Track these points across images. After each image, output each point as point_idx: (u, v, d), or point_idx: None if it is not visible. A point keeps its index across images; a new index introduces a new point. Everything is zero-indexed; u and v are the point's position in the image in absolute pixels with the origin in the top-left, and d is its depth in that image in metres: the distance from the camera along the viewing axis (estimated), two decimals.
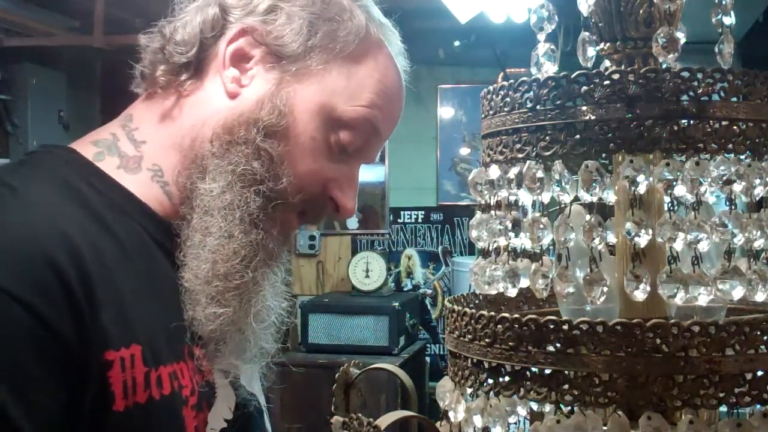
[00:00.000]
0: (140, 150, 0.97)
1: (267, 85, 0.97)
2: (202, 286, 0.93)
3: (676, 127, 0.63)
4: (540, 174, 0.66)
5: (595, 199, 0.66)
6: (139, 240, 0.92)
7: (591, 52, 0.72)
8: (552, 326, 0.61)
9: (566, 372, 0.61)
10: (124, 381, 0.82)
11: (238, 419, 1.02)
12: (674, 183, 0.63)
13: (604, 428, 0.63)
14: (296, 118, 0.96)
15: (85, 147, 0.96)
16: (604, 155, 0.68)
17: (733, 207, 0.64)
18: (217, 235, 0.93)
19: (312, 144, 0.97)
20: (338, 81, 0.98)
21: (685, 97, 0.63)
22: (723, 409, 0.61)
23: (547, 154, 0.66)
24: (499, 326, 0.64)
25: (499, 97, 0.69)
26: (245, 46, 0.97)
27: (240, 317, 0.95)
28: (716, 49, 0.68)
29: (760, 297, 0.63)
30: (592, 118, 0.64)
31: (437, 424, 0.72)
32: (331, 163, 0.99)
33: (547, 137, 0.65)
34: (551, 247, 0.69)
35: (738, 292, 0.62)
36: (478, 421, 0.68)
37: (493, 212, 0.71)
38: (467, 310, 0.67)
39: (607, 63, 0.75)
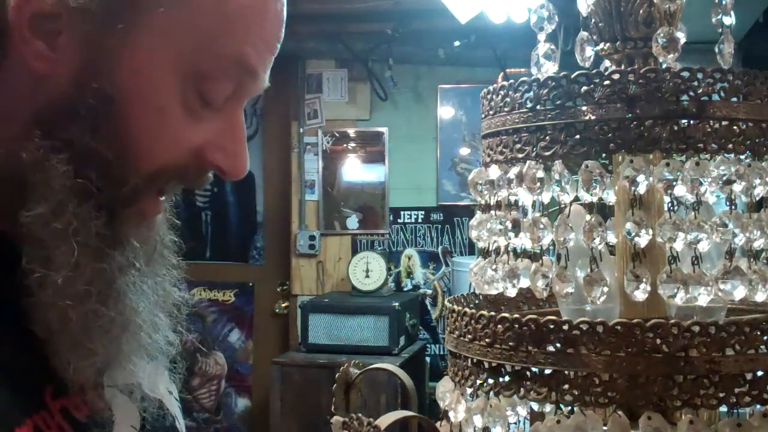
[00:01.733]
0: None
1: (81, 56, 0.74)
2: (57, 337, 0.75)
3: (676, 127, 0.63)
4: (540, 174, 0.66)
5: (595, 199, 0.66)
6: None
7: (589, 52, 0.72)
8: (552, 326, 0.61)
9: (566, 372, 0.61)
10: None
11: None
12: (674, 183, 0.63)
13: (604, 428, 0.63)
14: (130, 93, 0.76)
15: None
16: (604, 155, 0.68)
17: (733, 207, 0.64)
18: (60, 272, 0.74)
19: (161, 117, 0.77)
20: (176, 25, 0.76)
21: (685, 97, 0.63)
22: (723, 409, 0.61)
23: (547, 154, 0.66)
24: (499, 326, 0.64)
25: (499, 97, 0.69)
26: (47, 6, 0.72)
27: (112, 349, 0.77)
28: (716, 49, 0.68)
29: (760, 297, 0.63)
30: (592, 118, 0.64)
31: (437, 424, 0.72)
32: (196, 126, 0.79)
33: (547, 137, 0.65)
34: (551, 247, 0.69)
35: (740, 292, 0.62)
36: (478, 421, 0.68)
37: (493, 212, 0.71)
38: (467, 310, 0.67)
39: (607, 63, 0.75)
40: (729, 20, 0.69)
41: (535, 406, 0.74)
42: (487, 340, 0.65)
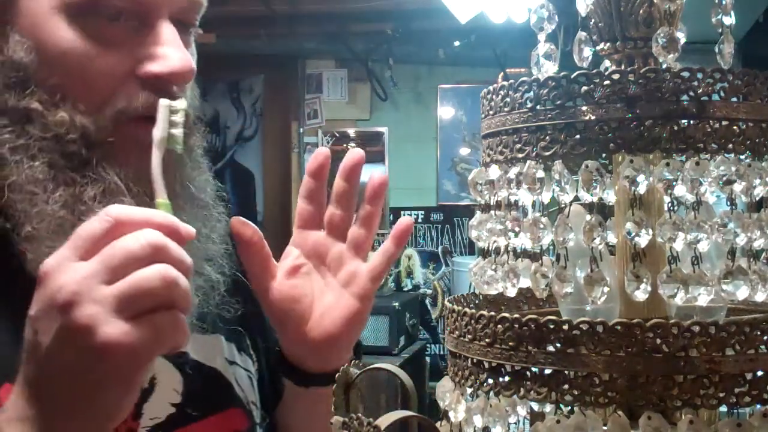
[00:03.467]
0: None
1: None
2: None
3: (676, 127, 0.63)
4: (540, 174, 0.66)
5: (595, 199, 0.66)
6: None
7: (587, 52, 0.72)
8: (552, 326, 0.61)
9: (566, 372, 0.61)
10: None
11: (193, 398, 0.96)
12: (674, 183, 0.63)
13: (604, 428, 0.63)
14: (36, 49, 0.84)
15: None
16: (604, 155, 0.68)
17: (733, 207, 0.64)
18: (33, 218, 0.83)
19: (66, 58, 0.85)
20: None
21: (685, 97, 0.63)
22: (723, 409, 0.61)
23: (547, 154, 0.65)
24: (499, 326, 0.64)
25: (499, 97, 0.69)
26: None
27: None
28: (716, 49, 0.68)
29: (760, 297, 0.63)
30: (592, 118, 0.64)
31: (437, 424, 0.72)
32: (116, 51, 0.86)
33: (547, 137, 0.65)
34: (551, 247, 0.69)
35: (743, 292, 0.62)
36: (478, 421, 0.68)
37: (493, 212, 0.71)
38: (467, 310, 0.67)
39: (607, 63, 0.75)
40: (729, 20, 0.69)
41: (535, 406, 0.74)
42: (487, 340, 0.65)
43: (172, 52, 0.87)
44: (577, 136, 0.64)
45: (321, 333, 1.00)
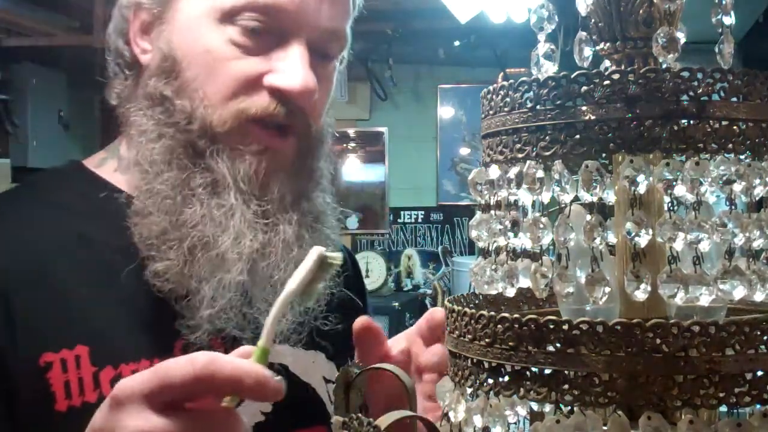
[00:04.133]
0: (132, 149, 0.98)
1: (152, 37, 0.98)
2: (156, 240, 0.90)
3: (676, 127, 0.63)
4: (540, 174, 0.66)
5: (595, 199, 0.66)
6: (118, 243, 0.92)
7: (587, 52, 0.72)
8: (552, 326, 0.61)
9: (566, 372, 0.61)
10: (66, 382, 0.82)
11: (283, 410, 0.96)
12: (674, 183, 0.63)
13: (604, 428, 0.63)
14: (183, 46, 0.95)
15: (98, 154, 1.02)
16: (604, 155, 0.68)
17: (733, 207, 0.64)
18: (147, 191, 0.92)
19: (210, 56, 0.95)
20: None
21: (685, 97, 0.63)
22: (723, 409, 0.61)
23: (547, 154, 0.65)
24: (499, 326, 0.64)
25: (499, 97, 0.69)
26: (138, 17, 0.98)
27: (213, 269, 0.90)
28: (716, 49, 0.68)
29: (759, 297, 0.63)
30: (592, 118, 0.64)
31: (437, 424, 0.72)
32: (251, 58, 0.95)
33: (547, 137, 0.65)
34: (551, 247, 0.69)
35: (739, 292, 0.62)
36: (478, 421, 0.68)
37: (493, 212, 0.71)
38: (467, 310, 0.67)
39: (607, 63, 0.75)
40: (729, 20, 0.69)
41: (535, 406, 0.74)
42: (487, 340, 0.65)
43: (296, 70, 0.94)
44: (577, 136, 0.64)
45: None
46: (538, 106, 0.66)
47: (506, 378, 0.64)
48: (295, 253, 0.94)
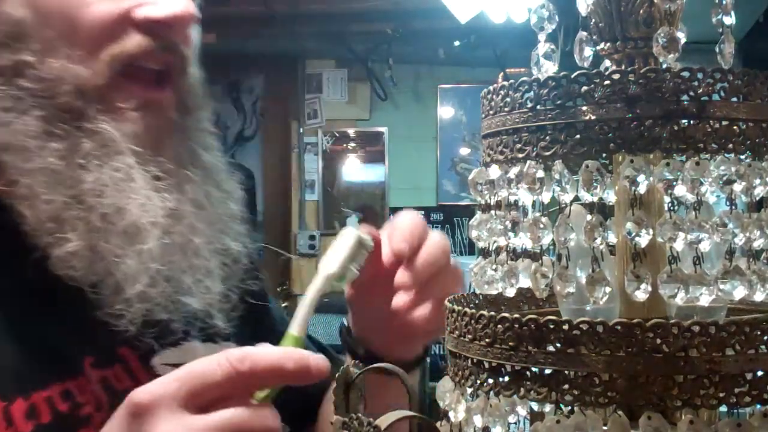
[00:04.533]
0: None
1: None
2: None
3: (676, 127, 0.63)
4: (540, 174, 0.66)
5: (595, 199, 0.66)
6: None
7: (588, 52, 0.72)
8: (552, 326, 0.61)
9: (566, 372, 0.61)
10: None
11: None
12: (674, 183, 0.63)
13: (604, 428, 0.63)
14: (30, 3, 0.82)
15: None
16: (604, 155, 0.68)
17: (733, 207, 0.64)
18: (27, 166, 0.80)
19: (65, 5, 0.83)
20: None
21: (685, 97, 0.63)
22: (723, 409, 0.61)
23: (547, 154, 0.65)
24: (499, 326, 0.64)
25: (499, 97, 0.69)
26: None
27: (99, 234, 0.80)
28: (716, 49, 0.68)
29: (759, 297, 0.63)
30: (593, 118, 0.64)
31: (437, 424, 0.72)
32: (105, 0, 0.84)
33: (547, 137, 0.65)
34: (551, 247, 0.69)
35: (739, 292, 0.62)
36: (478, 421, 0.68)
37: (493, 212, 0.71)
38: (467, 310, 0.67)
39: (607, 63, 0.75)
40: (729, 20, 0.69)
41: (535, 406, 0.74)
42: (487, 340, 0.65)
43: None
44: (577, 136, 0.64)
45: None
46: (538, 106, 0.66)
47: (506, 378, 0.64)
48: (208, 211, 0.86)
